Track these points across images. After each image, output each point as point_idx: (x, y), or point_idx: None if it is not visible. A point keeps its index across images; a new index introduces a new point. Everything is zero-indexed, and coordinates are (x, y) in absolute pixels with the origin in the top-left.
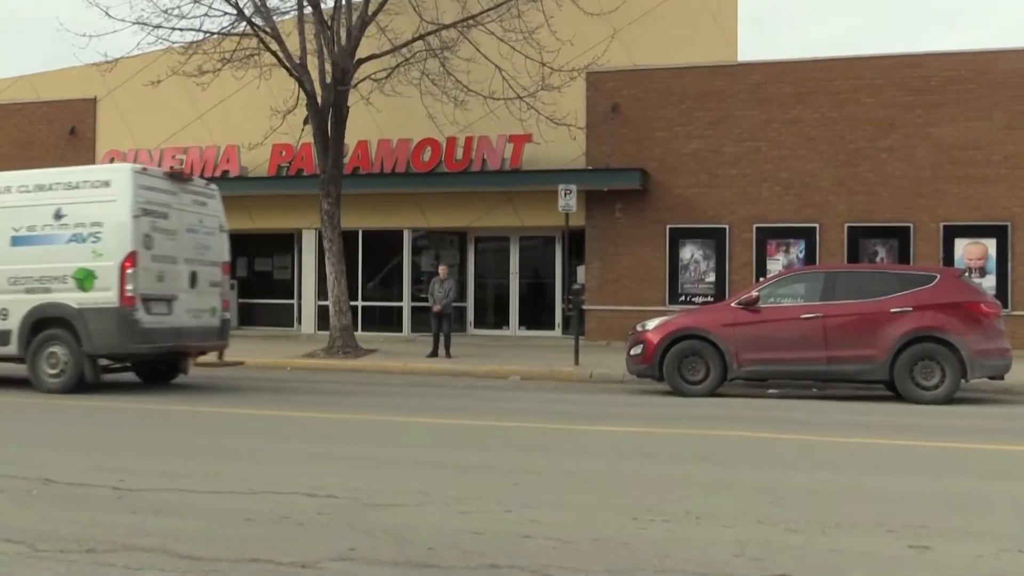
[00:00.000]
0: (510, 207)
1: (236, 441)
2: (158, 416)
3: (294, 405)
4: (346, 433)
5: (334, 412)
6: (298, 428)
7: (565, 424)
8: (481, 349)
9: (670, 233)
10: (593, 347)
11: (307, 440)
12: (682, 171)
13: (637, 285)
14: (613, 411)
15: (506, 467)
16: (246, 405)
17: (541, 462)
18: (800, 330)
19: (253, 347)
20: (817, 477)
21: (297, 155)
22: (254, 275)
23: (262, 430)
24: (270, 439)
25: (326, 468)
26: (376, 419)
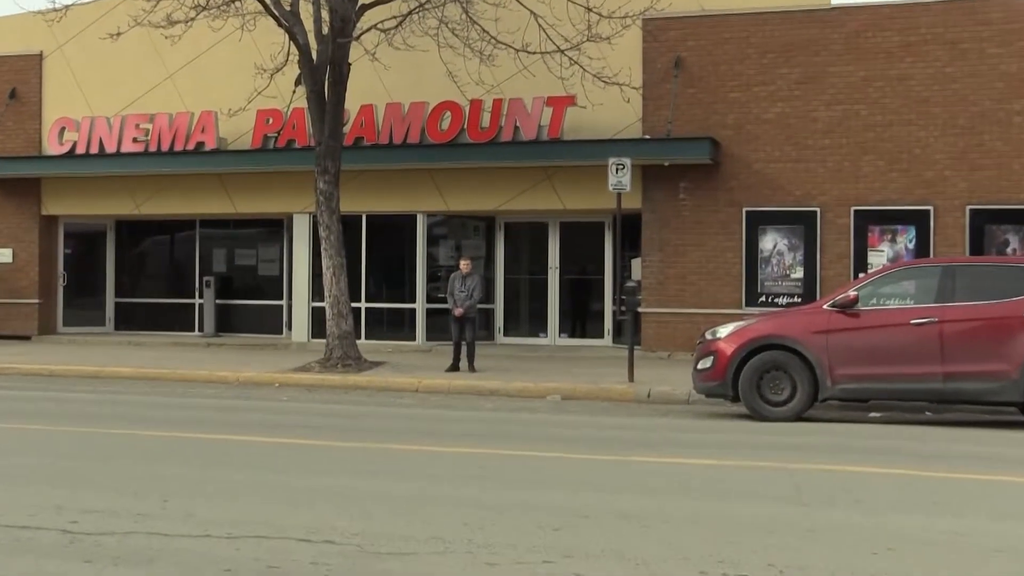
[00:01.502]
0: (548, 186)
1: (214, 472)
2: (121, 442)
3: (284, 430)
4: (346, 464)
5: (332, 439)
6: (289, 458)
7: (617, 454)
8: (512, 362)
9: (747, 218)
10: (651, 359)
11: (299, 472)
12: (762, 141)
13: (706, 283)
14: (676, 438)
15: (544, 506)
16: (226, 430)
17: (587, 501)
18: (910, 339)
19: (232, 358)
20: (932, 523)
21: (287, 123)
22: (235, 271)
23: (246, 460)
24: (255, 471)
25: (322, 506)
26: (382, 447)
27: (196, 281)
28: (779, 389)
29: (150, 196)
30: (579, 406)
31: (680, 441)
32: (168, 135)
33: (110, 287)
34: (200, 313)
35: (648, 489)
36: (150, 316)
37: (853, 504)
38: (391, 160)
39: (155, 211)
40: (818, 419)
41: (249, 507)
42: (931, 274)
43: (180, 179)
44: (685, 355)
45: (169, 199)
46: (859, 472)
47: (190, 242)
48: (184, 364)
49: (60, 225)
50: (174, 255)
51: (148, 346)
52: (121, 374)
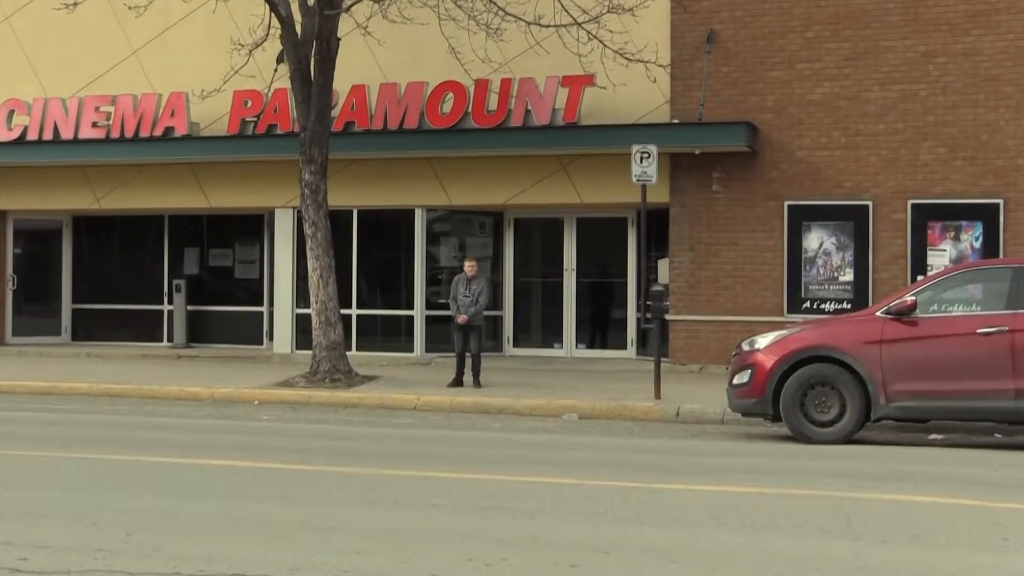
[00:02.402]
0: (564, 177)
1: (185, 502)
2: (78, 467)
3: (264, 453)
4: (335, 492)
5: (319, 463)
6: (270, 485)
7: (641, 481)
8: (524, 376)
9: (789, 213)
10: (681, 373)
11: (282, 502)
12: (807, 126)
13: (742, 287)
14: (708, 463)
15: (559, 540)
16: (198, 453)
17: (608, 534)
18: (976, 351)
19: (206, 372)
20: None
21: (268, 106)
22: (208, 273)
23: (221, 487)
24: (231, 500)
25: (308, 541)
26: (376, 473)
27: (165, 285)
28: (826, 407)
29: (112, 189)
30: (599, 426)
31: (713, 466)
32: (132, 119)
33: (66, 292)
34: (169, 321)
35: (676, 520)
36: (112, 325)
37: (911, 539)
38: (386, 148)
39: (118, 205)
40: (870, 441)
41: (224, 541)
42: (1001, 276)
43: (146, 169)
44: (719, 368)
45: (134, 192)
46: (918, 502)
47: (158, 241)
48: (151, 379)
49: (9, 221)
50: (140, 256)
51: (110, 358)
52: (78, 390)
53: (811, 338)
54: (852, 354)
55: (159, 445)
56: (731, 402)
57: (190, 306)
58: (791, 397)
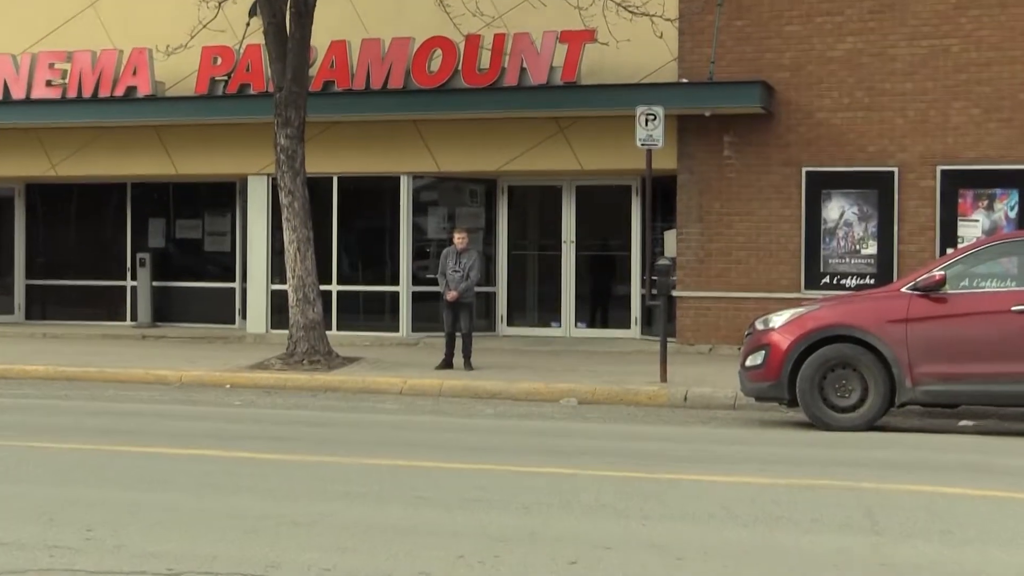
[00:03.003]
0: (562, 141)
1: (151, 495)
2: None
3: (237, 441)
4: (314, 484)
5: (297, 452)
6: (243, 476)
7: (646, 471)
8: (518, 357)
9: (808, 181)
10: (689, 354)
11: (257, 494)
12: (827, 85)
13: (756, 260)
14: (718, 451)
15: (557, 535)
16: (166, 442)
17: (609, 528)
18: (1011, 329)
19: (174, 353)
20: None
21: (240, 64)
22: (175, 246)
23: (190, 479)
24: (201, 492)
25: (286, 536)
26: (359, 463)
27: (127, 259)
28: (846, 391)
29: (69, 154)
30: (600, 412)
31: (724, 455)
32: (91, 78)
33: (19, 267)
34: (133, 298)
35: (684, 514)
36: (70, 302)
37: (938, 535)
38: (368, 109)
39: (75, 172)
40: (895, 428)
41: (194, 538)
42: None
43: (106, 133)
44: (730, 349)
45: (93, 158)
46: (946, 494)
47: (120, 211)
48: (113, 360)
49: None
50: (100, 227)
51: (68, 339)
52: (33, 373)
53: (831, 316)
54: (875, 333)
55: (122, 433)
56: (743, 385)
57: (155, 282)
58: (809, 380)
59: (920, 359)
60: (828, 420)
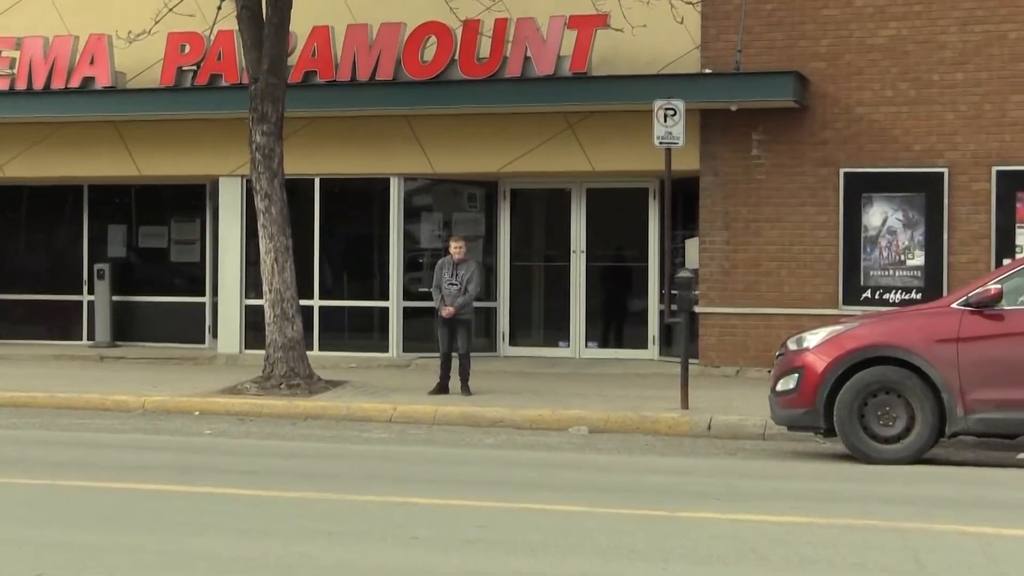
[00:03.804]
0: (571, 139)
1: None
2: None
3: (207, 475)
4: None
5: (274, 487)
6: (214, 514)
7: (666, 508)
8: (522, 380)
9: (846, 183)
10: (713, 377)
11: (229, 535)
12: (868, 76)
13: (788, 272)
14: (746, 487)
15: None
16: (126, 475)
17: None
18: None
19: (136, 376)
20: None
21: (210, 52)
22: (138, 256)
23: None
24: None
25: None
26: (343, 499)
27: (84, 271)
28: (890, 419)
29: (17, 153)
30: (613, 441)
31: (752, 491)
32: (43, 68)
33: None
34: (90, 314)
35: (710, 557)
36: (18, 319)
37: None
38: (354, 103)
39: (25, 173)
40: (945, 461)
41: None
42: None
43: (61, 129)
44: (759, 372)
45: (45, 157)
46: (1004, 536)
47: (76, 217)
48: (67, 384)
49: None
50: (53, 235)
51: (15, 360)
52: None
53: (872, 335)
54: (922, 355)
55: (77, 466)
56: (774, 412)
57: (115, 296)
58: (847, 407)
59: (973, 383)
60: (869, 452)
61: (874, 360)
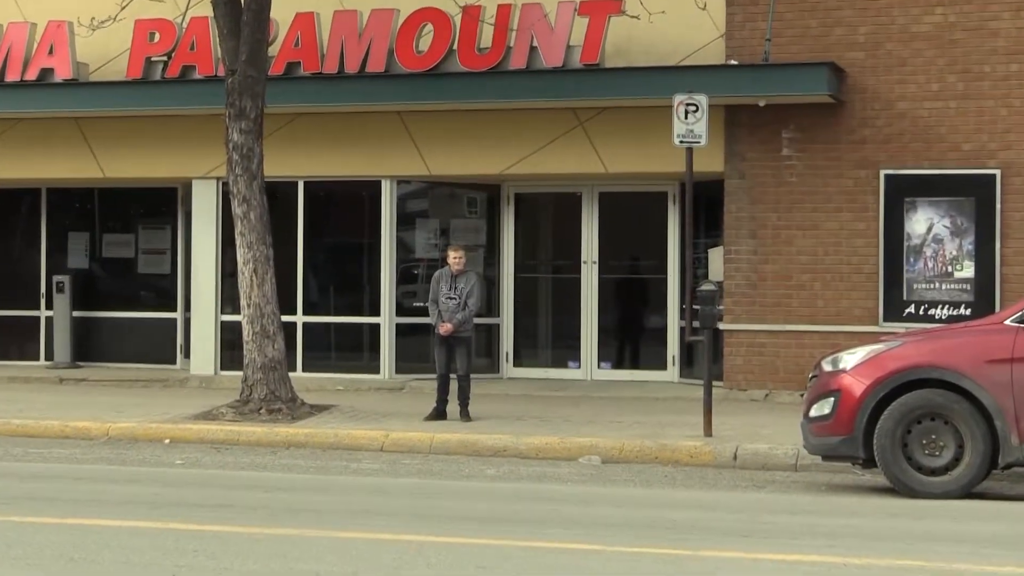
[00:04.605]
0: (582, 138)
1: None
2: None
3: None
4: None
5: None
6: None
7: (688, 547)
8: (527, 405)
9: (887, 186)
10: (740, 401)
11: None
12: (911, 67)
13: (823, 285)
14: (778, 523)
15: None
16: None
17: None
18: None
19: (100, 400)
20: None
21: (182, 41)
22: (102, 267)
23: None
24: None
25: None
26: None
27: (42, 283)
28: (936, 448)
29: None
30: (629, 472)
31: (783, 527)
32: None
33: None
34: (48, 332)
35: None
36: None
37: None
38: (342, 98)
39: None
40: (998, 496)
41: None
42: None
43: (16, 126)
44: (791, 396)
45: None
46: None
47: (33, 223)
48: (23, 409)
49: None
50: (7, 243)
51: None
52: None
53: (916, 355)
54: (973, 377)
55: (34, 500)
56: (807, 441)
57: (76, 311)
58: (889, 435)
59: None
60: (913, 484)
61: (918, 383)
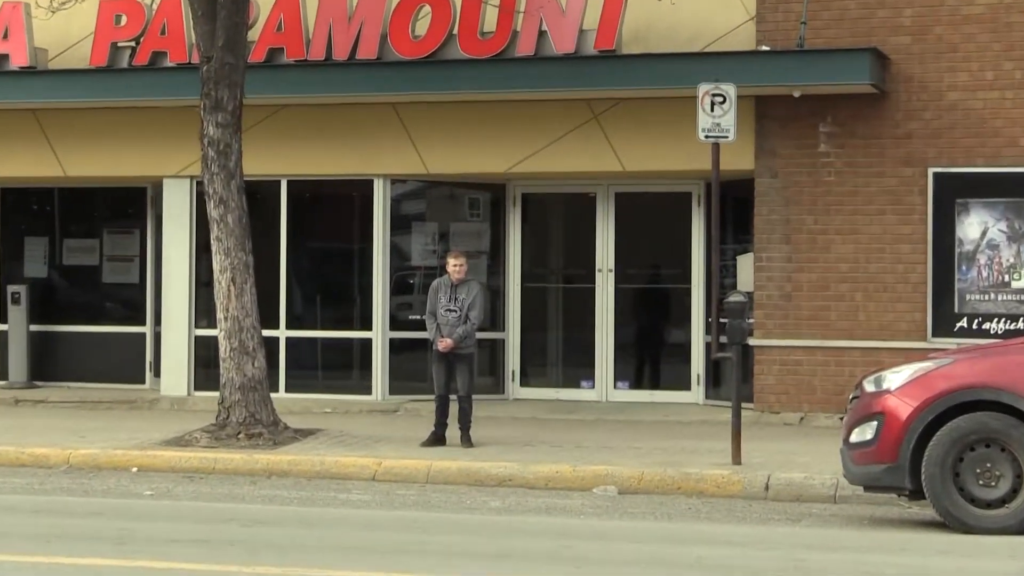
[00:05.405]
0: (596, 133)
1: None
2: None
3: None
4: None
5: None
6: None
7: None
8: (536, 429)
9: (936, 185)
10: (773, 425)
11: None
12: (963, 54)
13: (865, 296)
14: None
15: None
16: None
17: None
18: None
19: (60, 424)
20: None
21: (152, 25)
22: (63, 276)
23: None
24: None
25: None
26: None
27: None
28: (992, 478)
29: None
30: (649, 504)
31: (821, 566)
32: None
33: None
34: (2, 348)
35: None
36: None
37: None
38: (329, 88)
39: None
40: None
41: None
42: None
43: None
44: (829, 419)
45: None
46: None
47: None
48: None
49: None
50: None
51: None
52: None
53: (969, 373)
54: None
55: None
56: (848, 469)
57: (34, 325)
58: (939, 463)
59: None
60: (966, 518)
61: (972, 405)
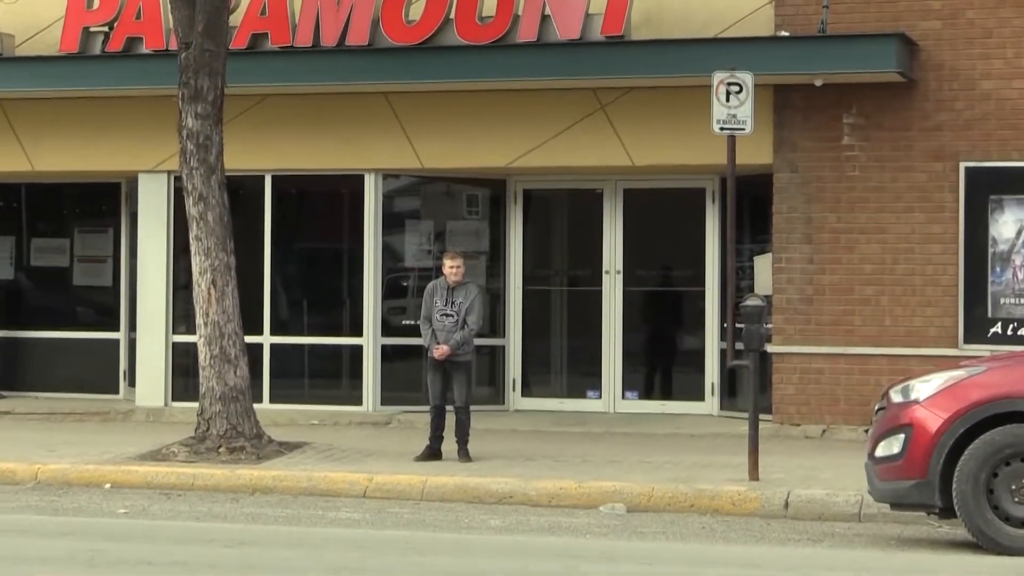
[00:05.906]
0: (604, 125)
1: None
2: None
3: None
4: None
5: None
6: None
7: None
8: (538, 442)
9: (969, 181)
10: (793, 438)
11: None
12: (998, 40)
13: (891, 300)
14: None
15: None
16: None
17: None
18: None
19: (27, 437)
20: None
21: (126, 8)
22: (30, 278)
23: None
24: None
25: None
26: None
27: None
28: None
29: None
30: (659, 523)
31: None
32: None
33: None
34: None
35: None
36: None
37: None
38: (317, 76)
39: None
40: None
41: None
42: None
43: None
44: (853, 432)
45: None
46: None
47: None
48: None
49: None
50: None
51: None
52: None
53: (1004, 383)
54: None
55: None
56: (873, 485)
57: (2, 331)
58: (971, 478)
59: None
60: (1001, 538)
61: (1007, 416)
